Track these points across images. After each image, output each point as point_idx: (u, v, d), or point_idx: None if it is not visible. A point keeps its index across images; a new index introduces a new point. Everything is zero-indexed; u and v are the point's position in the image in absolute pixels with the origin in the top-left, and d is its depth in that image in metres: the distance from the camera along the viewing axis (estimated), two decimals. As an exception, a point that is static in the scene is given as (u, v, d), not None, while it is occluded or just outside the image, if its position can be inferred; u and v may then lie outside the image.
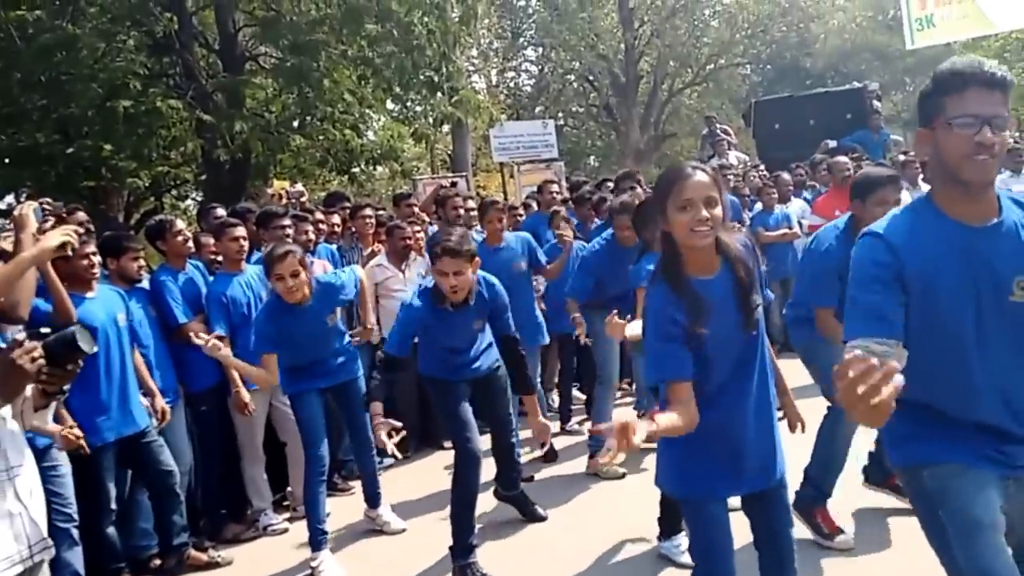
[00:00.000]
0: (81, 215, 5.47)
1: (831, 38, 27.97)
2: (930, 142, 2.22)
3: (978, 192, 2.19)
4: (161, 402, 4.78)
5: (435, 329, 4.37)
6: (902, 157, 10.49)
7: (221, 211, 6.41)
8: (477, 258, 4.22)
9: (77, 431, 3.87)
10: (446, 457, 6.44)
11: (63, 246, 3.43)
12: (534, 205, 8.31)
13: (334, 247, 6.58)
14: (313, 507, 4.69)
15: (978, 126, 2.10)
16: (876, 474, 4.60)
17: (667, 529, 4.33)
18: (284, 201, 7.55)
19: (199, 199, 14.68)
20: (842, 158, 7.92)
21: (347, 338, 5.04)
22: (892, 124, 22.17)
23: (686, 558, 3.98)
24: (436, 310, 4.22)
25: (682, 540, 4.16)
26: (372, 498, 5.23)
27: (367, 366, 5.06)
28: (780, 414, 2.84)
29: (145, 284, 5.05)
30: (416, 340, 4.47)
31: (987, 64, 2.14)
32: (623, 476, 5.60)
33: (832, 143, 10.87)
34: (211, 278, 5.40)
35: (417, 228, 6.84)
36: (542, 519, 5.07)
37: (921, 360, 2.16)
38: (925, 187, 9.13)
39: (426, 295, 4.25)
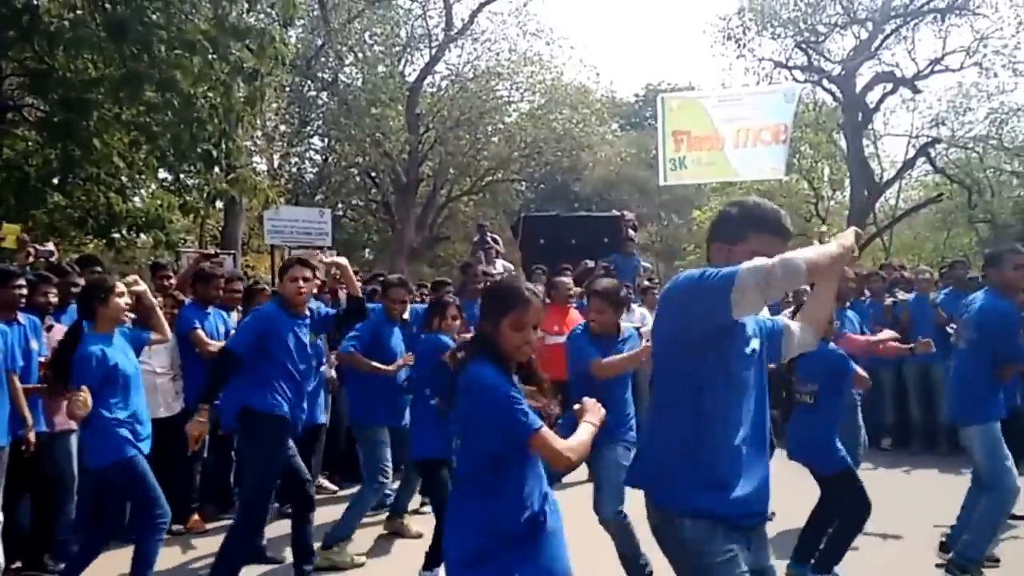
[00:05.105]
0: None
1: (598, 168, 29.93)
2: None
3: None
4: None
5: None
6: (646, 283, 11.40)
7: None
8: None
9: None
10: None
11: None
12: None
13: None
14: None
15: None
16: None
17: (432, 561, 5.10)
18: (31, 259, 7.20)
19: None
20: (566, 279, 8.65)
21: None
22: (645, 252, 24.00)
23: None
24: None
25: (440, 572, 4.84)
26: None
27: None
28: None
29: None
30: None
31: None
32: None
33: (590, 263, 11.20)
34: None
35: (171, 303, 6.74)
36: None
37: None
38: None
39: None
